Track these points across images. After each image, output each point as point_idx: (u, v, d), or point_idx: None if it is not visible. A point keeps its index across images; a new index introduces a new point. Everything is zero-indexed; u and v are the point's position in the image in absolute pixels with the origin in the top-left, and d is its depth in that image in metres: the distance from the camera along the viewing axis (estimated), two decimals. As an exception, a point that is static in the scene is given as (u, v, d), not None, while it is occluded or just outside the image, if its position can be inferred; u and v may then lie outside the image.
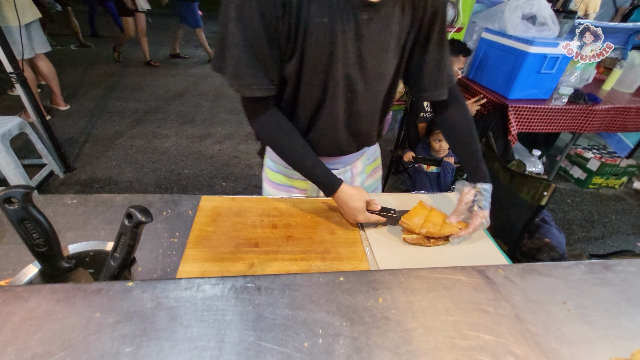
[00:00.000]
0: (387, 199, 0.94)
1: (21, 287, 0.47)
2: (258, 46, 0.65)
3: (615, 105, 2.14)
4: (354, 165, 0.99)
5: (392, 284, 0.54)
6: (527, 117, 2.05)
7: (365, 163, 1.03)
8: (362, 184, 1.06)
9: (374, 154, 1.07)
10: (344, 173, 0.98)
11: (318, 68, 0.70)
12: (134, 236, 0.50)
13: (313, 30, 0.64)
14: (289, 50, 0.68)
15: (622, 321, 0.51)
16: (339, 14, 0.64)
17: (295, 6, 0.62)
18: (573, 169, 3.05)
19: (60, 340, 0.40)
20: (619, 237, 2.44)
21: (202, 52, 6.21)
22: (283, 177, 0.97)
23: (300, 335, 0.45)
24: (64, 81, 4.09)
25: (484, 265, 0.60)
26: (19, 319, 0.42)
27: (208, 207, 0.85)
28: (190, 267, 0.68)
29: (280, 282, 0.52)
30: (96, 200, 0.83)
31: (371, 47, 0.70)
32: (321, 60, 0.68)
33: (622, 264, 0.63)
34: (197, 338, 0.43)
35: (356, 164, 1.00)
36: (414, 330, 0.47)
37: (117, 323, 0.43)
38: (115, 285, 0.48)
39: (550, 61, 1.91)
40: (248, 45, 0.64)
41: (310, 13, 0.63)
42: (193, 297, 0.47)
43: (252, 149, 3.14)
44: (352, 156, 0.95)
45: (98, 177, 2.57)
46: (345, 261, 0.74)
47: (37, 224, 0.49)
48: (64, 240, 0.59)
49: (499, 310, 0.51)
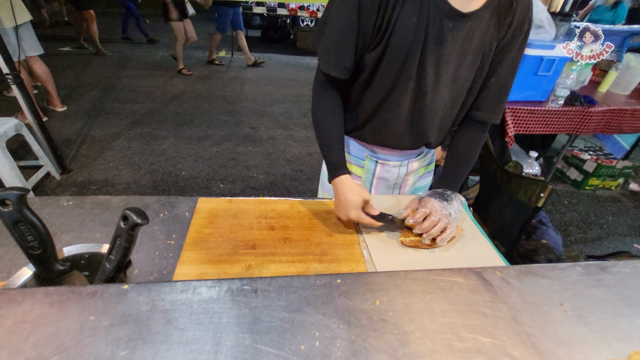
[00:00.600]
0: (387, 200, 0.94)
1: (15, 290, 0.47)
2: (349, 34, 0.73)
3: (611, 107, 2.15)
4: (410, 163, 1.01)
5: (389, 286, 0.54)
6: (524, 119, 2.06)
7: (421, 164, 1.06)
8: (414, 184, 1.08)
9: (430, 158, 1.09)
10: (399, 167, 1.00)
11: (395, 62, 0.76)
12: (130, 238, 0.50)
13: (400, 27, 0.71)
14: (374, 41, 0.74)
15: (619, 322, 0.52)
16: (427, 18, 0.70)
17: (392, 4, 0.69)
18: (570, 170, 3.07)
19: (54, 344, 0.40)
20: (615, 238, 2.45)
21: (200, 53, 6.21)
22: None
23: (297, 338, 0.44)
24: (60, 83, 4.08)
25: (481, 267, 0.60)
26: (12, 322, 0.41)
27: (205, 209, 0.85)
28: (186, 269, 0.68)
29: (277, 284, 0.51)
30: (92, 202, 0.82)
31: (450, 53, 0.75)
32: (400, 56, 0.74)
33: (618, 266, 0.63)
34: (193, 341, 0.42)
35: (413, 163, 1.02)
36: (411, 332, 0.47)
37: (111, 326, 0.42)
38: (110, 288, 0.47)
39: (547, 63, 1.92)
40: (340, 31, 0.73)
41: (403, 12, 0.70)
42: (189, 299, 0.47)
43: (249, 151, 3.14)
44: (410, 153, 0.99)
45: (95, 178, 2.56)
46: (343, 263, 0.73)
47: (32, 226, 0.49)
48: (60, 243, 0.58)
49: (496, 312, 0.51)
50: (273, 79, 5.35)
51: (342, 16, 0.72)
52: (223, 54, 6.43)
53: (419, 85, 0.79)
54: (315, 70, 0.85)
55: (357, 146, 0.99)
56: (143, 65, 5.25)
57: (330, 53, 0.76)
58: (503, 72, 0.81)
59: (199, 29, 6.49)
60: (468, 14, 0.71)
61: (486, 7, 0.72)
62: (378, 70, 0.79)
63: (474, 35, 0.74)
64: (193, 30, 4.90)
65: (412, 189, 1.10)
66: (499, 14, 0.74)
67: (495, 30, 0.75)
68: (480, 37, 0.75)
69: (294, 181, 2.78)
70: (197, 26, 5.20)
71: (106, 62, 5.28)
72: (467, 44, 0.75)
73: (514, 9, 0.74)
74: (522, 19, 0.75)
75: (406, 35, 0.71)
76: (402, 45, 0.73)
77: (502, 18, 0.74)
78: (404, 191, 1.09)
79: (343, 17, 0.72)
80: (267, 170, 2.88)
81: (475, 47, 0.76)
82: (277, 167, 2.94)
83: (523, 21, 0.76)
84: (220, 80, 4.98)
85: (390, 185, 1.05)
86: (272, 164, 2.98)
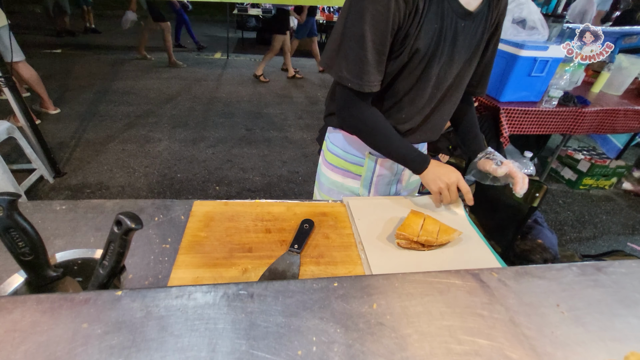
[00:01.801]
0: (383, 202, 0.94)
1: (5, 298, 0.46)
2: (382, 49, 0.73)
3: (604, 108, 2.17)
4: None
5: (386, 289, 0.53)
6: (519, 119, 2.07)
7: None
8: (409, 178, 1.12)
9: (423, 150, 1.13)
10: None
11: (419, 67, 0.79)
12: (124, 244, 0.49)
13: (425, 34, 0.73)
14: (400, 50, 0.76)
15: (615, 323, 0.52)
16: (447, 21, 0.74)
17: (419, 15, 0.71)
18: (564, 170, 3.09)
19: (46, 353, 0.39)
20: (609, 237, 2.48)
21: (194, 53, 6.19)
22: (341, 161, 1.05)
23: (293, 343, 0.44)
24: (53, 85, 4.04)
25: (478, 269, 0.60)
26: (2, 331, 0.40)
27: (201, 212, 0.84)
28: (182, 273, 0.67)
29: (274, 288, 0.51)
30: (86, 206, 0.81)
31: (461, 50, 0.80)
32: (423, 59, 0.77)
33: (614, 265, 0.63)
34: (188, 348, 0.42)
35: None
36: (409, 336, 0.47)
37: (105, 334, 0.42)
38: (104, 295, 0.46)
39: (540, 64, 1.94)
40: (374, 49, 0.72)
41: (426, 19, 0.72)
42: (184, 305, 0.46)
43: (245, 153, 3.13)
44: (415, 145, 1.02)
45: (89, 182, 2.53)
46: (340, 265, 0.73)
47: (23, 232, 0.48)
48: (53, 248, 0.57)
49: (494, 314, 0.51)
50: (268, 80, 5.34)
51: (375, 33, 0.70)
52: (218, 56, 6.41)
53: (437, 85, 0.84)
54: (335, 88, 0.86)
55: (359, 144, 0.99)
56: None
57: (367, 72, 0.75)
58: (488, 54, 0.90)
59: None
60: (475, 12, 0.76)
61: (486, 2, 0.78)
62: (400, 75, 0.81)
63: (477, 31, 0.79)
64: (289, 43, 5.11)
65: (407, 184, 1.12)
66: (491, 5, 0.80)
67: (489, 19, 0.81)
68: (480, 32, 0.80)
69: (290, 183, 2.77)
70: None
71: (100, 63, 5.24)
72: (472, 40, 0.80)
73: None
74: (503, 5, 0.82)
75: (430, 40, 0.74)
76: (425, 49, 0.75)
77: (493, 9, 0.80)
78: (401, 186, 1.10)
79: (377, 35, 0.70)
80: (263, 172, 2.88)
81: (477, 42, 0.81)
82: (273, 169, 2.94)
83: (505, 6, 0.83)
84: (215, 83, 4.97)
85: (389, 182, 1.07)
86: (268, 165, 2.97)
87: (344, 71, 0.76)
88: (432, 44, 0.75)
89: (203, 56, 6.26)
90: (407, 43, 0.74)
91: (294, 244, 0.75)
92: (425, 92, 0.84)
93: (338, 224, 0.85)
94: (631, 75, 2.39)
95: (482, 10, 0.78)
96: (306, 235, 0.78)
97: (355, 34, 0.71)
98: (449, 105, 0.93)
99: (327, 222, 0.85)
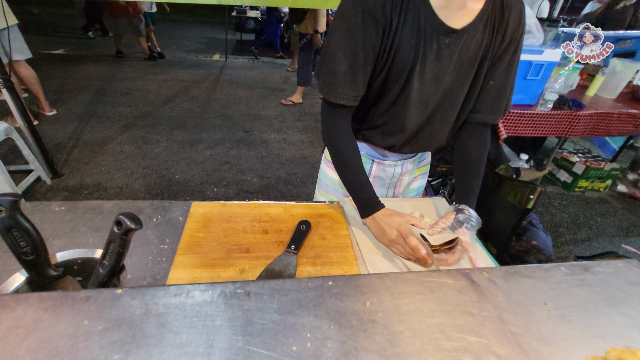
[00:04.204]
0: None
1: (7, 295, 0.47)
2: (354, 64, 0.75)
3: (599, 111, 2.20)
4: (405, 163, 1.04)
5: (379, 287, 0.55)
6: (515, 122, 2.09)
7: (416, 165, 1.09)
8: (408, 184, 1.11)
9: (425, 160, 1.12)
10: (394, 166, 1.03)
11: (399, 80, 0.79)
12: (123, 244, 0.50)
13: (401, 48, 0.75)
14: (379, 66, 0.78)
15: (600, 320, 0.53)
16: (425, 37, 0.74)
17: (393, 31, 0.73)
18: (559, 172, 3.12)
19: (48, 348, 0.40)
20: (604, 239, 2.50)
21: (194, 57, 6.20)
22: None
23: (288, 340, 0.45)
24: (51, 86, 4.04)
25: (469, 269, 0.62)
26: (5, 328, 0.42)
27: (199, 213, 0.85)
28: (180, 273, 0.68)
29: (270, 287, 0.52)
30: (84, 207, 0.82)
31: (448, 66, 0.79)
32: (402, 74, 0.78)
33: (601, 265, 0.65)
34: (186, 344, 0.43)
35: (408, 164, 1.05)
36: (401, 332, 0.48)
37: (105, 330, 0.43)
38: (104, 293, 0.48)
39: (536, 68, 1.96)
40: (346, 62, 0.75)
41: (403, 35, 0.73)
42: (182, 303, 0.48)
43: (243, 154, 3.14)
44: (406, 155, 1.02)
45: (87, 183, 2.54)
46: (336, 266, 0.75)
47: (25, 232, 0.49)
48: (52, 248, 0.58)
49: (483, 311, 0.53)
50: (266, 82, 5.36)
51: (345, 48, 0.74)
52: (217, 58, 6.42)
53: (422, 100, 0.83)
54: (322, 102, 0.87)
55: None
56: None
57: (336, 84, 0.78)
58: (500, 75, 0.85)
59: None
60: (461, 30, 0.74)
61: (478, 20, 0.75)
62: (384, 89, 0.83)
63: (469, 48, 0.78)
64: None
65: (406, 190, 1.12)
66: (493, 24, 0.78)
67: (490, 40, 0.79)
68: (475, 49, 0.79)
69: (288, 184, 2.79)
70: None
71: (98, 64, 5.25)
72: (463, 57, 0.79)
73: (507, 17, 0.77)
74: (515, 25, 0.79)
75: (408, 54, 0.75)
76: (404, 63, 0.76)
77: (495, 27, 0.78)
78: (398, 191, 1.11)
79: (347, 49, 0.74)
80: (261, 173, 2.89)
81: (470, 58, 0.80)
82: (271, 170, 2.95)
83: (517, 27, 0.80)
84: (213, 84, 4.98)
85: (385, 185, 1.07)
86: (266, 167, 2.99)
87: (320, 81, 0.82)
88: (410, 60, 0.76)
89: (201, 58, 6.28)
90: (385, 58, 0.76)
91: (291, 244, 0.77)
92: (409, 107, 0.83)
93: (335, 225, 0.87)
94: (625, 79, 2.42)
95: (473, 28, 0.75)
96: (303, 236, 0.80)
97: (329, 49, 0.77)
98: (441, 122, 0.90)
99: (324, 223, 0.87)
